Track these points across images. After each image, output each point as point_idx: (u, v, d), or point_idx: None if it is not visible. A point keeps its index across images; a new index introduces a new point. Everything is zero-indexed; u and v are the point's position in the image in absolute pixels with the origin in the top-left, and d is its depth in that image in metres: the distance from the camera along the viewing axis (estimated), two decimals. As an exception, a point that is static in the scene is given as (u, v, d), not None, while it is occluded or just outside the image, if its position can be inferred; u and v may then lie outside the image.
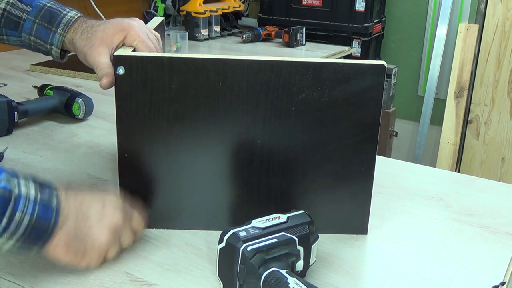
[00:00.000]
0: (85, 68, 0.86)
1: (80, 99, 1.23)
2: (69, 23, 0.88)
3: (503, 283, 0.72)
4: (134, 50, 0.82)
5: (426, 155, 2.61)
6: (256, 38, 2.38)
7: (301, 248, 0.67)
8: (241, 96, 0.74)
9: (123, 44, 0.84)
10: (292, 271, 0.65)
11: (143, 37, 0.84)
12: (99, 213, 0.70)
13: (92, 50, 0.84)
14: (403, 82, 2.87)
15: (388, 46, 2.90)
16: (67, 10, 0.90)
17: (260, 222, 0.67)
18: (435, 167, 2.00)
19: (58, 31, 0.88)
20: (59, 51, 0.90)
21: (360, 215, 0.81)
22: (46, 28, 0.88)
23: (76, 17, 0.89)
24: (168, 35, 2.11)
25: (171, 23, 2.54)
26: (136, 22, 0.86)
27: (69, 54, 0.93)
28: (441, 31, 2.46)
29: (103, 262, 0.72)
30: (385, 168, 1.02)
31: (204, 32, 2.38)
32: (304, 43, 2.36)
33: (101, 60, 0.82)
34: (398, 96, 2.78)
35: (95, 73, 0.81)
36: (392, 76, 2.62)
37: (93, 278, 0.69)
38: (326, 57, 2.14)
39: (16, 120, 1.16)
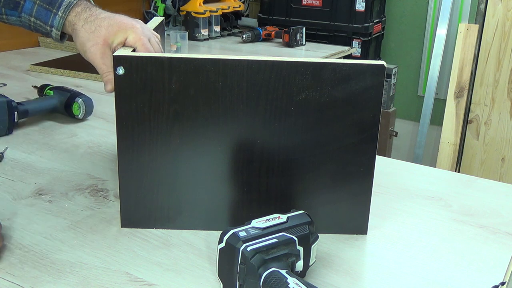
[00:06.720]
0: (85, 68, 0.87)
1: (80, 99, 1.23)
2: (70, 6, 0.88)
3: (503, 283, 0.72)
4: (134, 50, 0.83)
5: (426, 155, 2.62)
6: (256, 38, 2.38)
7: (301, 248, 0.67)
8: (241, 96, 0.74)
9: (124, 45, 0.84)
10: (292, 271, 0.65)
11: (144, 40, 0.84)
12: None
13: (95, 49, 0.84)
14: (403, 82, 2.87)
15: (388, 46, 2.90)
16: None
17: (260, 222, 0.67)
18: (435, 167, 2.00)
19: (59, 13, 0.88)
20: (59, 33, 0.90)
21: (360, 215, 0.81)
22: (47, 9, 0.88)
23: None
24: (168, 35, 2.11)
25: (171, 23, 2.54)
26: (139, 25, 0.86)
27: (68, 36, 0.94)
28: (441, 31, 2.46)
29: None
30: (385, 168, 1.02)
31: (204, 32, 2.39)
32: (304, 43, 2.37)
33: (105, 63, 0.83)
34: (398, 96, 2.78)
35: (95, 73, 0.82)
36: (392, 76, 2.62)
37: (93, 278, 0.69)
38: (326, 57, 2.14)
39: (16, 120, 1.16)
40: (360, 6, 2.51)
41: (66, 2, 0.88)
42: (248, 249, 0.63)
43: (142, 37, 0.84)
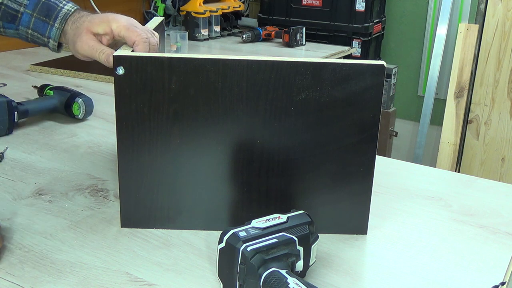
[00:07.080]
0: (85, 68, 0.88)
1: (80, 99, 1.23)
2: (66, 17, 0.91)
3: (503, 283, 0.72)
4: (133, 51, 0.83)
5: (426, 155, 2.62)
6: (256, 38, 2.38)
7: (301, 248, 0.67)
8: (241, 96, 0.74)
9: (113, 37, 0.87)
10: (292, 271, 0.65)
11: (128, 26, 0.86)
12: None
13: (81, 38, 0.87)
14: (403, 82, 2.87)
15: (388, 46, 2.90)
16: (64, 2, 0.92)
17: (260, 222, 0.67)
18: (435, 167, 2.00)
19: (56, 24, 0.90)
20: (56, 44, 0.93)
21: (360, 215, 0.81)
22: (44, 21, 0.90)
23: (72, 10, 0.92)
24: (168, 35, 2.11)
25: (171, 23, 2.54)
26: (122, 16, 0.89)
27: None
28: (441, 31, 2.46)
29: None
30: (385, 168, 1.02)
31: (204, 32, 2.39)
32: (304, 43, 2.37)
33: (95, 44, 0.87)
34: (398, 96, 2.79)
35: (95, 73, 0.82)
36: (392, 76, 2.62)
37: (93, 278, 0.69)
38: (326, 57, 2.14)
39: (16, 120, 1.16)
40: (360, 6, 2.51)
41: (63, 13, 0.91)
42: (248, 249, 0.63)
43: (125, 23, 0.86)
